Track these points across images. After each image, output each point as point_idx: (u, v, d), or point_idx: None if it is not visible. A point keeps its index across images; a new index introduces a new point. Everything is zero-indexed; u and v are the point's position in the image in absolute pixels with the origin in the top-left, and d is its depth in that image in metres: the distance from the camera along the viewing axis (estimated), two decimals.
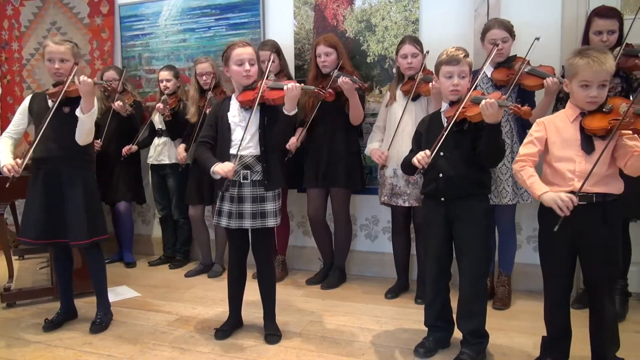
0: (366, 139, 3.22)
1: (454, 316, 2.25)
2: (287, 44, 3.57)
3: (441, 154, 2.12)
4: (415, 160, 2.10)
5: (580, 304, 2.64)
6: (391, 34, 3.36)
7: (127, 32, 4.17)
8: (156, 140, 3.81)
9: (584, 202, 1.83)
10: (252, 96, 2.31)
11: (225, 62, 2.40)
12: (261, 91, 2.29)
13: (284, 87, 2.24)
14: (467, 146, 2.12)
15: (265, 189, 2.37)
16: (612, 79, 2.31)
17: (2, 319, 2.81)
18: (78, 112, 2.44)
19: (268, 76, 2.39)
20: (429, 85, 2.67)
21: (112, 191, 3.80)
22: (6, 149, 2.54)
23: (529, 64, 2.70)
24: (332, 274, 3.34)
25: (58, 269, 2.72)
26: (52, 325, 2.64)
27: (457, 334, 2.23)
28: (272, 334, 2.46)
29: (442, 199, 2.17)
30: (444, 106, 2.24)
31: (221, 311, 2.81)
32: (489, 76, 2.79)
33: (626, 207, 1.98)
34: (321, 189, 3.26)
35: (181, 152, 3.60)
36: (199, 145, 2.43)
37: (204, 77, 3.46)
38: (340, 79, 2.91)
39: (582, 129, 1.88)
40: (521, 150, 2.01)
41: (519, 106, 1.97)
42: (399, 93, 3.00)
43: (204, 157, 2.36)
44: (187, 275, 3.61)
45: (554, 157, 1.93)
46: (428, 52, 2.92)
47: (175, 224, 3.92)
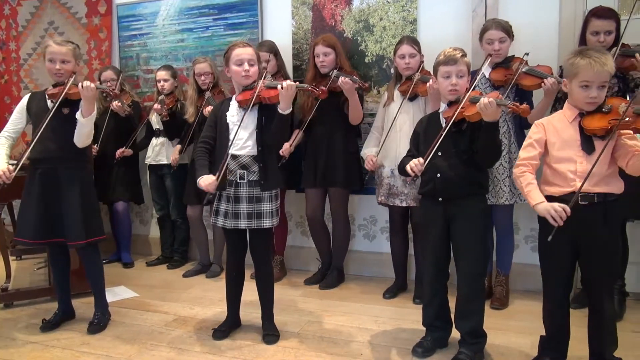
0: (364, 138, 3.22)
1: (452, 316, 2.25)
2: (285, 44, 3.57)
3: (439, 154, 2.12)
4: (408, 168, 2.10)
5: (577, 303, 2.64)
6: (389, 34, 3.36)
7: (124, 32, 4.17)
8: (154, 141, 3.81)
9: (585, 202, 1.83)
10: (250, 95, 2.32)
11: (225, 62, 2.42)
12: (258, 90, 2.30)
13: (278, 86, 2.24)
14: (465, 146, 2.12)
15: (262, 189, 2.37)
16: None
17: None
18: (78, 115, 2.43)
19: (265, 76, 2.39)
20: (426, 85, 2.68)
21: (110, 191, 3.79)
22: (1, 151, 2.52)
23: (526, 64, 2.71)
24: (330, 274, 3.34)
25: (55, 269, 2.72)
26: (49, 326, 2.64)
27: (455, 333, 2.23)
28: (270, 334, 2.46)
29: (440, 199, 2.17)
30: (443, 107, 2.25)
31: (219, 311, 2.81)
32: (487, 76, 2.80)
33: (623, 207, 1.98)
34: (319, 188, 3.26)
35: (175, 153, 3.61)
36: (198, 146, 2.44)
37: (202, 77, 3.46)
38: (341, 79, 2.91)
39: (581, 130, 1.88)
40: (521, 153, 2.00)
41: (518, 104, 1.97)
42: (396, 93, 3.00)
43: (198, 165, 2.37)
44: (185, 276, 3.61)
45: (554, 158, 1.92)
46: (423, 63, 2.93)
47: (173, 224, 3.91)
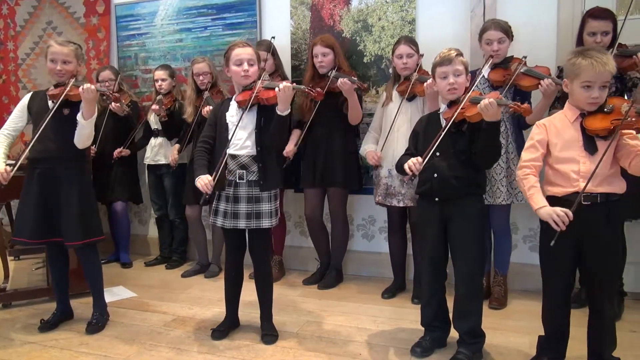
0: (363, 139, 3.23)
1: (451, 316, 2.25)
2: (284, 44, 3.57)
3: (437, 154, 2.12)
4: (407, 167, 2.10)
5: (576, 303, 2.64)
6: (388, 34, 3.36)
7: (123, 31, 4.16)
8: (153, 141, 3.80)
9: (587, 202, 1.83)
10: (249, 96, 2.32)
11: (225, 62, 2.41)
12: (256, 91, 2.30)
13: (276, 88, 2.24)
14: (463, 147, 2.12)
15: (261, 190, 2.37)
16: None
17: None
18: (79, 117, 2.43)
19: (263, 77, 2.39)
20: (424, 85, 2.68)
21: (109, 191, 3.79)
22: (3, 145, 2.50)
23: (525, 64, 2.71)
24: (329, 274, 3.34)
25: (54, 270, 2.71)
26: (48, 326, 2.63)
27: (454, 333, 2.23)
28: (268, 334, 2.46)
29: (436, 199, 2.17)
30: (442, 107, 2.25)
31: (218, 311, 2.81)
32: (486, 77, 2.80)
33: (624, 206, 1.98)
34: (318, 188, 3.26)
35: (174, 153, 3.61)
36: (198, 145, 2.44)
37: (201, 77, 3.46)
38: (339, 80, 2.91)
39: (583, 130, 1.87)
40: (524, 155, 1.98)
41: (519, 104, 1.97)
42: (395, 93, 3.00)
43: (197, 164, 2.37)
44: (183, 276, 3.60)
45: (556, 159, 1.91)
46: (422, 55, 2.93)
47: (171, 224, 3.91)
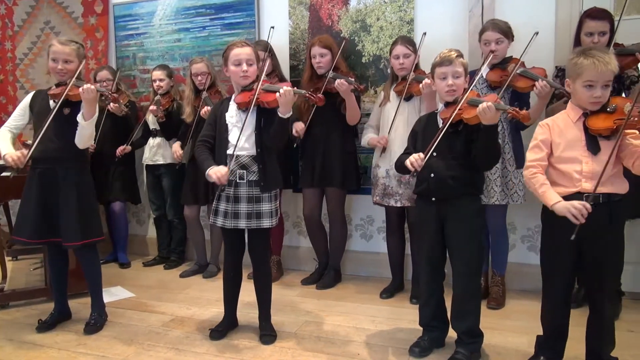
0: (361, 139, 3.23)
1: (449, 316, 2.25)
2: (282, 44, 3.57)
3: (434, 154, 2.12)
4: (408, 163, 2.09)
5: (573, 302, 2.64)
6: (386, 34, 3.37)
7: (121, 31, 4.16)
8: (151, 141, 3.80)
9: (590, 203, 1.82)
10: (248, 98, 2.31)
11: (224, 61, 2.40)
12: (257, 94, 2.28)
13: (278, 92, 2.23)
14: (460, 147, 2.12)
15: (261, 191, 2.37)
16: None
17: None
18: (79, 118, 2.42)
19: (260, 78, 2.38)
20: (420, 85, 2.68)
21: (107, 191, 3.78)
22: (7, 139, 2.49)
23: (523, 65, 2.71)
24: (327, 274, 3.34)
25: (53, 270, 2.71)
26: (45, 326, 2.63)
27: (452, 333, 2.24)
28: (267, 334, 2.46)
29: (433, 198, 2.18)
30: (440, 107, 2.25)
31: (216, 311, 2.81)
32: (484, 77, 2.80)
33: (625, 206, 1.97)
34: (317, 188, 3.26)
35: (177, 149, 3.59)
36: (198, 144, 2.43)
37: (199, 77, 3.45)
38: (337, 81, 2.91)
39: (586, 130, 1.87)
40: (529, 155, 1.97)
41: (518, 110, 1.96)
42: (392, 93, 3.00)
43: (202, 158, 2.36)
44: (182, 276, 3.60)
45: (558, 159, 1.91)
46: (425, 34, 2.91)
47: (169, 224, 3.91)
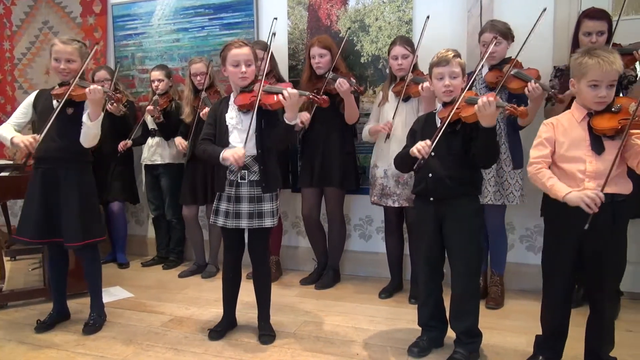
0: (360, 139, 3.24)
1: (448, 315, 2.25)
2: (281, 44, 3.57)
3: (432, 154, 2.12)
4: (415, 150, 2.07)
5: (572, 302, 2.65)
6: (385, 34, 3.37)
7: (120, 31, 4.16)
8: (149, 141, 3.80)
9: None
10: (249, 100, 2.29)
11: (222, 62, 2.39)
12: (258, 97, 2.26)
13: (282, 94, 2.21)
14: (458, 147, 2.11)
15: (263, 191, 2.37)
16: None
17: None
18: (85, 119, 2.41)
19: (262, 79, 2.36)
20: (419, 87, 2.68)
21: (105, 191, 3.77)
22: (12, 130, 2.48)
23: (520, 66, 2.71)
24: (326, 274, 3.35)
25: (53, 270, 2.70)
26: (44, 327, 2.62)
27: (451, 333, 2.23)
28: (266, 334, 2.46)
29: (431, 198, 2.18)
30: (438, 107, 2.25)
31: (215, 312, 2.81)
32: (483, 78, 2.81)
33: (629, 206, 1.96)
34: (316, 188, 3.26)
35: (181, 141, 3.52)
36: (201, 141, 2.42)
37: (198, 77, 3.45)
38: (338, 81, 2.90)
39: (590, 129, 1.87)
40: (532, 153, 1.97)
41: (515, 107, 1.96)
42: (390, 94, 3.01)
43: (210, 148, 2.35)
44: (180, 276, 3.60)
45: (562, 158, 1.91)
46: (429, 17, 2.91)
47: (168, 224, 3.91)
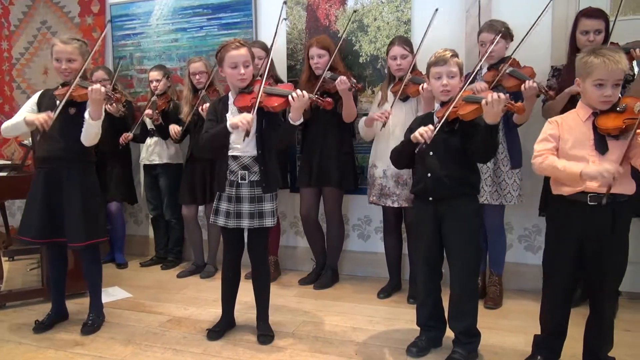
0: (359, 139, 3.24)
1: (446, 315, 2.26)
2: (280, 44, 3.56)
3: (430, 153, 2.12)
4: (418, 135, 2.05)
5: (572, 302, 2.65)
6: (383, 34, 3.37)
7: (118, 31, 4.15)
8: (148, 141, 3.79)
9: (594, 203, 1.82)
10: (250, 102, 2.28)
11: (219, 62, 2.37)
12: (259, 98, 2.25)
13: (288, 97, 2.21)
14: (456, 146, 2.11)
15: (263, 191, 2.37)
16: None
17: None
18: (87, 117, 2.41)
19: (263, 80, 2.35)
20: (419, 87, 2.68)
21: (104, 191, 3.77)
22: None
23: (517, 64, 2.72)
24: (324, 274, 3.35)
25: (53, 270, 2.69)
26: (42, 327, 2.62)
27: (450, 333, 2.24)
28: (265, 334, 2.46)
29: (430, 198, 2.17)
30: (436, 106, 2.25)
31: (214, 312, 2.80)
32: (482, 77, 2.81)
33: (631, 206, 1.96)
34: (314, 188, 3.26)
35: (174, 127, 3.49)
36: (202, 135, 2.40)
37: (198, 77, 3.45)
38: (338, 79, 2.89)
39: (595, 129, 1.86)
40: (537, 147, 1.96)
41: (513, 102, 1.97)
42: (389, 94, 3.01)
43: (213, 129, 2.33)
44: (179, 276, 3.60)
45: (566, 156, 1.90)
46: (437, 10, 2.91)
47: (167, 224, 3.90)
